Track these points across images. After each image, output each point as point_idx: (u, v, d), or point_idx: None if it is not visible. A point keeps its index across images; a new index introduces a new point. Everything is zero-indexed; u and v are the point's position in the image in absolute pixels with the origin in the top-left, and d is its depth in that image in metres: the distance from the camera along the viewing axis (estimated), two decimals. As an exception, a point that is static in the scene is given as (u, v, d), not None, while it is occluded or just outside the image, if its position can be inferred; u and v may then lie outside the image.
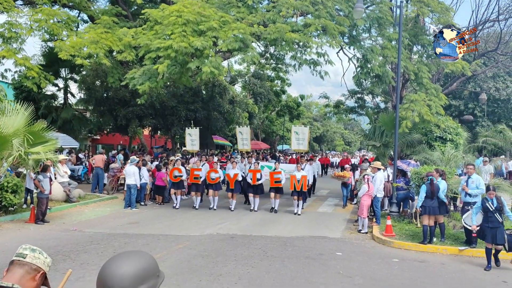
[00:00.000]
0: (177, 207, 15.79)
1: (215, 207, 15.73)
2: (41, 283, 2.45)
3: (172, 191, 16.12)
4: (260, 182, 15.70)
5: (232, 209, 15.63)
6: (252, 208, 15.70)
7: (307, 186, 15.81)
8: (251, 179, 15.66)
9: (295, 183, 14.85)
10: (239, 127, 20.56)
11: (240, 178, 15.96)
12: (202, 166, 16.96)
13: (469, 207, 10.38)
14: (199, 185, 16.01)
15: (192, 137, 20.26)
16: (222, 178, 16.25)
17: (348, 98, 31.96)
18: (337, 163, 37.32)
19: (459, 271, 8.98)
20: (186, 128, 20.94)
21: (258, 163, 16.74)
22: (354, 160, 37.30)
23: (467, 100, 33.53)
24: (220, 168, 16.34)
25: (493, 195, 9.14)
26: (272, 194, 15.51)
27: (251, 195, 15.85)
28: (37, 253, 2.43)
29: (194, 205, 15.88)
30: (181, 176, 15.96)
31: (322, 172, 32.32)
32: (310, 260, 9.34)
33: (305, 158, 18.97)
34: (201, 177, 15.87)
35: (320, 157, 37.70)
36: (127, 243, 10.32)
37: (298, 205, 15.28)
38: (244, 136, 19.86)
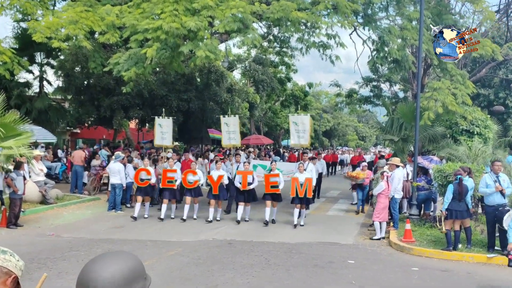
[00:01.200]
0: (134, 215, 14.05)
1: (195, 216, 14.28)
2: None
3: (139, 198, 14.47)
4: (252, 186, 14.12)
5: (210, 219, 13.96)
6: (239, 219, 14.04)
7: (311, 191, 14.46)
8: (240, 183, 14.03)
9: (298, 188, 13.52)
10: (224, 117, 18.17)
11: (226, 181, 14.50)
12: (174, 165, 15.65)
13: (502, 209, 10.38)
14: (173, 191, 14.51)
15: (162, 129, 18.41)
16: (202, 182, 14.88)
17: (362, 86, 31.87)
18: (347, 161, 37.01)
19: (487, 280, 9.00)
20: (156, 117, 18.83)
21: (249, 163, 15.67)
22: (368, 157, 37.11)
23: (497, 89, 33.46)
24: (216, 167, 14.88)
25: None
26: (268, 203, 13.95)
27: (241, 204, 14.09)
28: (8, 255, 2.44)
29: (160, 217, 14.06)
30: (149, 179, 14.50)
31: (328, 172, 31.88)
32: (319, 268, 9.37)
33: (307, 155, 17.76)
34: (176, 180, 14.36)
35: (325, 153, 37.56)
36: (111, 249, 10.37)
37: (300, 215, 13.97)
38: (231, 128, 17.83)
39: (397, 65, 19.53)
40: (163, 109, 19.95)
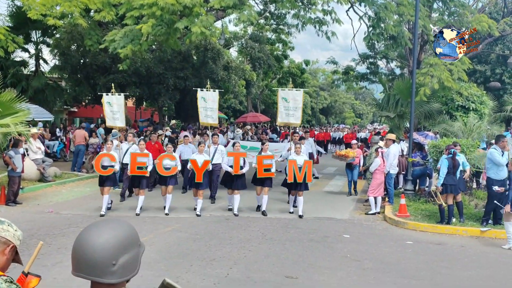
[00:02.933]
0: (102, 212, 11.68)
1: (167, 211, 11.97)
2: (11, 257, 2.51)
3: (106, 189, 11.81)
4: (244, 171, 12.21)
5: (199, 212, 11.97)
6: (236, 212, 12.10)
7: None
8: (231, 166, 12.14)
9: (295, 172, 11.83)
10: (202, 90, 15.07)
11: (210, 168, 12.56)
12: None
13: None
14: (144, 179, 12.10)
15: (112, 108, 15.05)
16: (179, 168, 12.67)
17: (359, 63, 31.78)
18: (340, 139, 36.38)
19: (480, 253, 9.12)
20: (104, 94, 15.55)
21: (236, 144, 13.35)
22: (362, 134, 36.95)
23: (494, 65, 33.41)
24: (199, 150, 12.55)
25: None
26: (259, 189, 12.34)
27: (236, 192, 12.13)
28: (5, 225, 2.48)
29: (137, 212, 11.85)
30: (113, 166, 11.89)
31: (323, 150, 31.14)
32: (314, 243, 9.48)
33: (299, 134, 16.41)
34: (147, 166, 12.01)
35: (318, 131, 37.20)
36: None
37: (296, 202, 12.45)
38: (209, 104, 14.83)
39: (394, 41, 19.48)
40: (112, 84, 16.56)
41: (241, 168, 12.10)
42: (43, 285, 6.12)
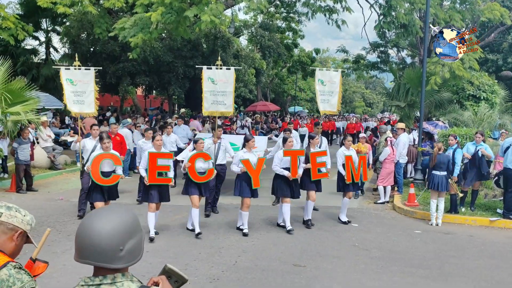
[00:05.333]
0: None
1: (199, 230, 8.85)
2: (21, 243, 2.54)
3: (98, 205, 8.68)
4: (300, 173, 9.82)
5: (247, 231, 9.22)
6: (291, 228, 9.43)
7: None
8: (288, 169, 9.46)
9: (353, 170, 10.31)
10: (209, 68, 11.46)
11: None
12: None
13: None
14: (166, 189, 8.96)
15: (76, 87, 11.30)
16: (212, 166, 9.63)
17: (370, 52, 31.55)
18: (343, 130, 32.93)
19: (488, 243, 9.09)
20: (63, 68, 11.68)
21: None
22: (369, 124, 35.72)
23: (506, 54, 33.01)
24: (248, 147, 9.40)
25: None
26: (313, 194, 10.02)
27: (286, 201, 9.51)
28: (13, 211, 2.51)
29: (150, 236, 8.50)
30: (115, 171, 8.91)
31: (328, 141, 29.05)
32: (323, 232, 9.50)
33: (319, 127, 14.17)
34: (168, 173, 8.82)
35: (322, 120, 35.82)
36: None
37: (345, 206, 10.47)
38: (219, 86, 11.16)
39: (405, 30, 19.30)
40: (75, 54, 13.96)
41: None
42: (53, 271, 6.23)
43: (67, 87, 11.22)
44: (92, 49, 25.80)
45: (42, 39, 26.32)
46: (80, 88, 11.28)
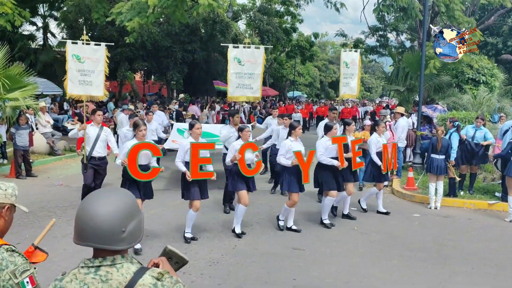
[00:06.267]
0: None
1: (240, 230, 8.08)
2: (10, 218, 2.52)
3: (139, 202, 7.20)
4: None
5: (295, 227, 8.51)
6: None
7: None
8: (336, 158, 8.57)
9: (387, 158, 9.66)
10: (236, 47, 10.34)
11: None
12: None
13: None
14: (205, 184, 7.90)
15: (83, 66, 9.61)
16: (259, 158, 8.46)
17: (369, 36, 31.45)
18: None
19: (487, 226, 9.14)
20: (69, 42, 9.81)
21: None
22: (366, 109, 35.36)
23: (506, 37, 32.87)
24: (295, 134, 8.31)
25: None
26: (351, 187, 9.24)
27: (335, 194, 8.74)
28: None
29: (188, 238, 7.75)
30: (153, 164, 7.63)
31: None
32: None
33: (336, 112, 11.31)
34: (208, 166, 7.76)
35: (318, 106, 34.40)
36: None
37: (377, 197, 9.98)
38: (246, 67, 10.05)
39: (404, 13, 19.22)
40: (84, 27, 11.10)
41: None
42: (53, 255, 6.24)
43: (72, 65, 9.50)
44: (90, 34, 25.63)
45: (40, 24, 26.15)
46: (88, 67, 9.56)
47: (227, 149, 9.07)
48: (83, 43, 9.61)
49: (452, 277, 6.53)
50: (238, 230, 8.02)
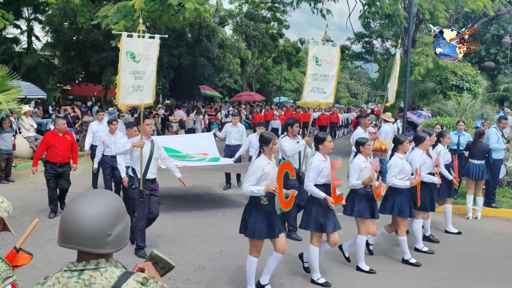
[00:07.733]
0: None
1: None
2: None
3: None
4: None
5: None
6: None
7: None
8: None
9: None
10: (315, 42, 8.50)
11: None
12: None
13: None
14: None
15: (137, 66, 7.23)
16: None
17: (354, 42, 31.67)
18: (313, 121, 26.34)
19: (470, 231, 9.20)
20: (123, 37, 7.09)
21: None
22: (346, 116, 34.58)
23: (488, 45, 33.36)
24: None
25: None
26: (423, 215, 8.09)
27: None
28: None
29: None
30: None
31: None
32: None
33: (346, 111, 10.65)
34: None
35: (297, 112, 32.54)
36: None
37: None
38: (323, 68, 8.45)
39: (389, 20, 19.36)
40: (140, 20, 8.35)
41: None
42: (36, 261, 6.14)
43: (125, 66, 7.06)
44: (75, 38, 25.48)
45: (24, 27, 25.93)
46: (141, 67, 7.21)
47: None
48: (138, 36, 7.20)
49: (438, 281, 6.55)
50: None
